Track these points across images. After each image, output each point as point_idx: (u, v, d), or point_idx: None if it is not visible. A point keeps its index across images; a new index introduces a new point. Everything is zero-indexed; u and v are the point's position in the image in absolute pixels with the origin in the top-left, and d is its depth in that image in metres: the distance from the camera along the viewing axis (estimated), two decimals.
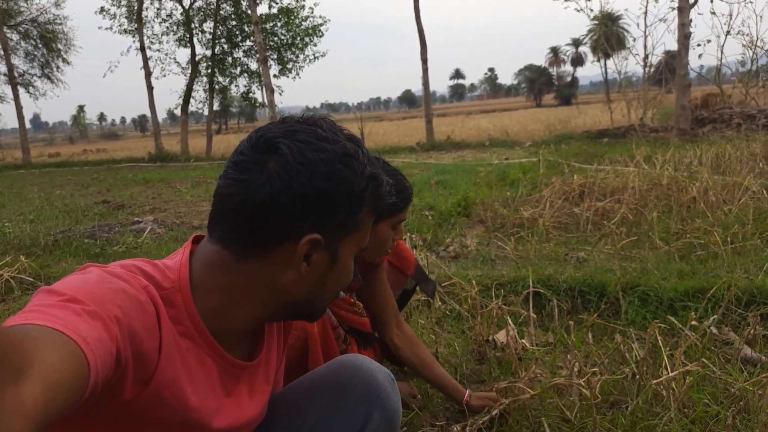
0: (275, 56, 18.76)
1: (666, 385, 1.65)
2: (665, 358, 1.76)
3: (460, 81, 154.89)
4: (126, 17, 18.24)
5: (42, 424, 0.49)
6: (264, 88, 15.00)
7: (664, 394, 1.66)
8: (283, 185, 0.76)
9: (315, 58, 19.34)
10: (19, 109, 18.17)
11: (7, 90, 18.69)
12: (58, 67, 21.59)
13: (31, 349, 0.50)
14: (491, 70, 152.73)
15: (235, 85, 19.79)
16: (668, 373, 1.70)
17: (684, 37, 10.65)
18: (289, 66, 18.99)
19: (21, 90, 19.07)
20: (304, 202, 0.77)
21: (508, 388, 1.74)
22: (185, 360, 0.77)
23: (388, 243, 1.55)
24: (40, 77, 21.46)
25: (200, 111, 21.91)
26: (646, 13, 13.74)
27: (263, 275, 0.80)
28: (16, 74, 18.79)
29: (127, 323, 0.66)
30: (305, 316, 0.92)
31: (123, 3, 18.11)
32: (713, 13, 12.62)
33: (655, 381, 1.64)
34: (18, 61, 20.47)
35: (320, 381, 1.05)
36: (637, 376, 1.75)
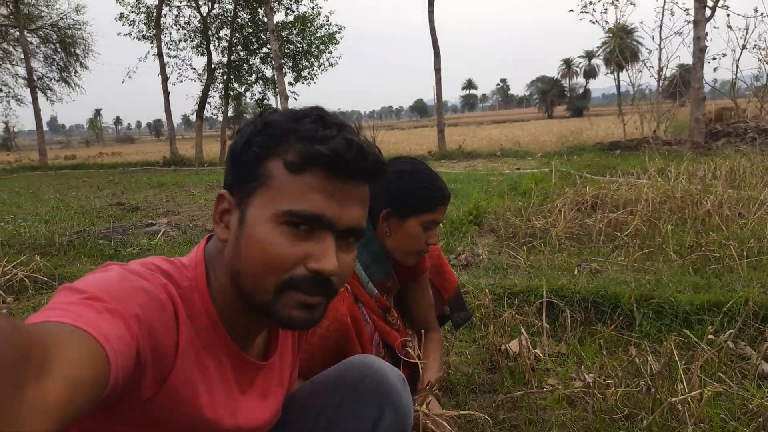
0: (290, 64, 18.93)
1: (683, 400, 1.63)
2: (681, 373, 1.74)
3: (472, 91, 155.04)
4: (144, 23, 18.50)
5: (63, 422, 0.49)
6: (279, 96, 15.12)
7: (680, 409, 1.63)
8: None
9: (330, 65, 19.48)
10: (36, 111, 18.45)
11: (26, 93, 19.02)
12: (76, 72, 21.92)
13: (52, 347, 0.50)
14: (503, 80, 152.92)
15: (251, 92, 19.98)
16: (684, 387, 1.68)
17: (699, 50, 10.61)
18: (304, 73, 19.15)
19: (39, 93, 19.36)
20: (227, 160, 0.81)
21: (521, 397, 1.73)
22: (201, 359, 0.77)
23: (418, 244, 1.48)
24: (58, 81, 21.79)
25: (215, 117, 22.15)
26: (661, 26, 13.69)
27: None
28: (34, 77, 19.09)
29: (147, 321, 0.67)
30: (256, 306, 0.77)
31: (142, 9, 18.40)
32: (729, 27, 12.55)
33: (673, 399, 1.61)
34: (37, 65, 20.84)
35: (332, 381, 1.04)
36: (653, 390, 1.73)
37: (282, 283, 0.74)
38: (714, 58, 12.76)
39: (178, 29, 19.01)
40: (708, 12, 10.49)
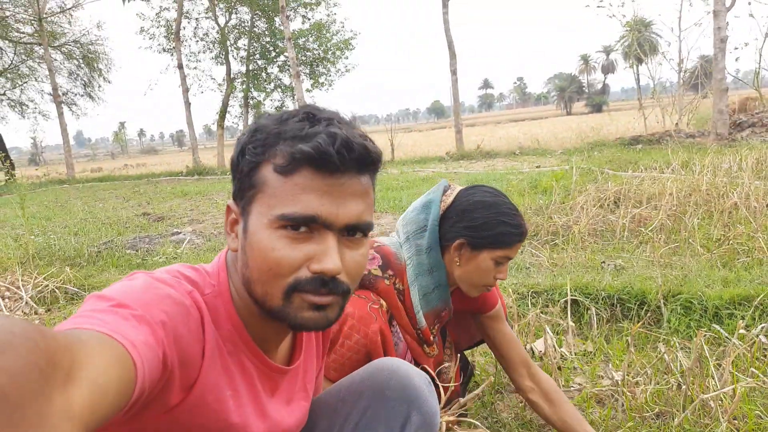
0: (307, 71, 19.09)
1: (715, 397, 1.60)
2: (712, 369, 1.70)
3: (489, 91, 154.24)
4: (165, 36, 18.85)
5: (89, 428, 0.49)
6: (297, 103, 15.25)
7: (713, 406, 1.60)
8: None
9: (346, 70, 19.61)
10: (63, 126, 18.87)
11: (52, 108, 19.48)
12: (99, 86, 22.41)
13: (79, 353, 0.50)
14: (520, 79, 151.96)
15: (270, 100, 20.22)
16: (716, 383, 1.65)
17: (720, 41, 10.38)
18: (321, 80, 19.30)
19: (64, 108, 19.80)
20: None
21: None
22: (226, 364, 0.78)
23: (487, 278, 1.42)
24: (82, 96, 22.31)
25: (235, 125, 22.45)
26: (680, 18, 13.45)
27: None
28: (60, 93, 19.54)
29: (173, 328, 0.68)
30: (269, 312, 0.77)
31: (162, 23, 18.75)
32: (751, 15, 12.26)
33: (705, 396, 1.58)
34: (61, 80, 21.34)
35: (358, 384, 1.04)
36: (684, 387, 1.69)
37: (288, 287, 0.73)
38: (736, 48, 12.47)
39: (197, 41, 19.37)
40: (728, 1, 10.27)
